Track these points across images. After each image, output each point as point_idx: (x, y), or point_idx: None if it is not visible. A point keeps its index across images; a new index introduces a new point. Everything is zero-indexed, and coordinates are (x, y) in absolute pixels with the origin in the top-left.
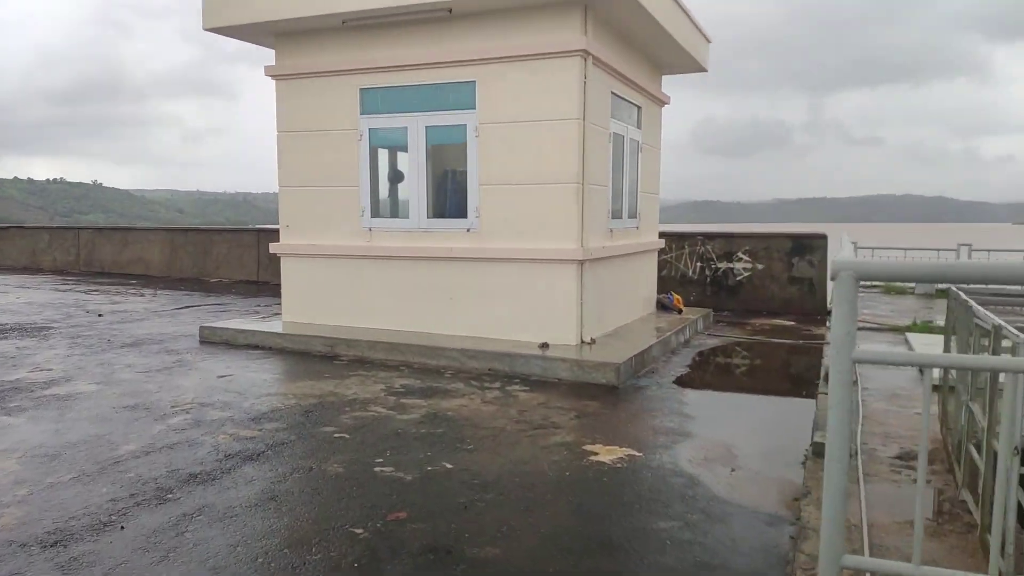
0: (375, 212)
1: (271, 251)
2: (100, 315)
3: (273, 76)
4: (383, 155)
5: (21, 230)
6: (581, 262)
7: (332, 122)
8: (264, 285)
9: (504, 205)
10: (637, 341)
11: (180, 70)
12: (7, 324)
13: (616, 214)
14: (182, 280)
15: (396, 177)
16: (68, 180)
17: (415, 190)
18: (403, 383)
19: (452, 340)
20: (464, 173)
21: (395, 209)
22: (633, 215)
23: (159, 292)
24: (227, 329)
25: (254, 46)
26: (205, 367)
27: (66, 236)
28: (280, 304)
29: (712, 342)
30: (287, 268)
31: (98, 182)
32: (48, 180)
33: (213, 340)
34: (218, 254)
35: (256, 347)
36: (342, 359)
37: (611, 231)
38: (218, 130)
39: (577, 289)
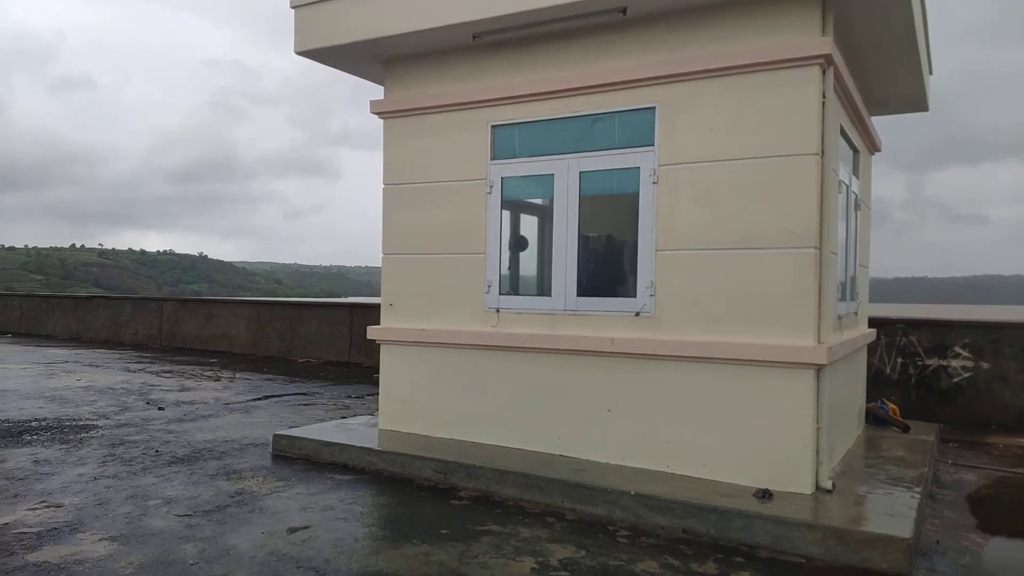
0: (504, 288)
1: (369, 336)
2: (161, 408)
3: (379, 113)
4: (508, 214)
5: (106, 300)
6: (819, 367)
7: (453, 170)
8: (356, 368)
9: (693, 279)
10: (893, 486)
11: (286, 151)
12: (45, 419)
13: (840, 294)
14: (267, 360)
15: (521, 243)
16: (176, 252)
17: (561, 258)
18: (563, 557)
19: (614, 475)
20: (632, 235)
21: (532, 284)
22: (854, 296)
23: (238, 375)
24: (308, 440)
25: (358, 121)
26: (273, 508)
27: (149, 308)
28: (374, 395)
29: (970, 478)
30: (388, 360)
31: (204, 254)
32: (158, 252)
33: (290, 454)
34: (307, 331)
35: (345, 467)
36: (460, 495)
37: (840, 318)
38: (318, 207)
39: (813, 407)
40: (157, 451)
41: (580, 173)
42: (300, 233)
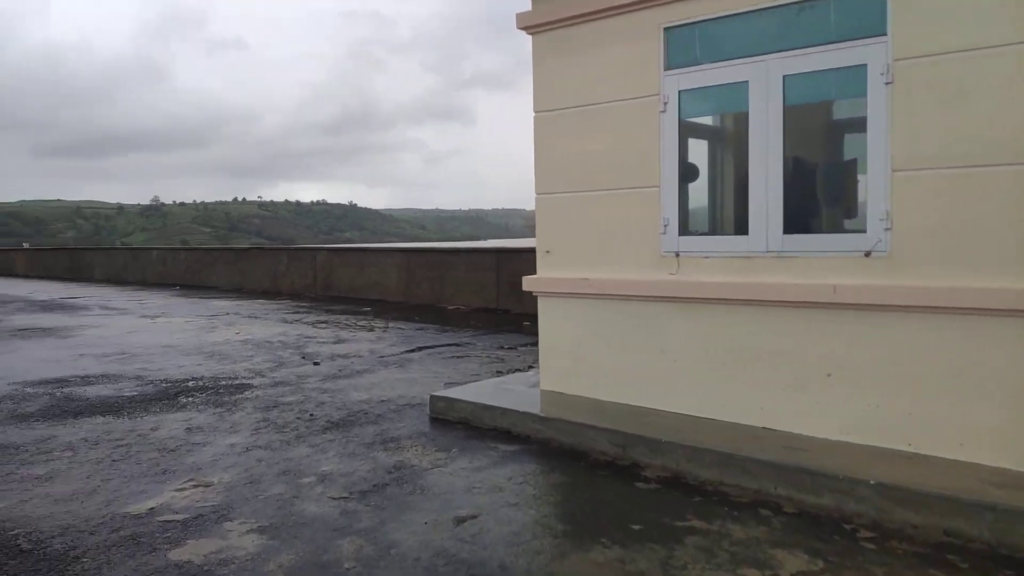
0: (685, 228)
1: (525, 287)
2: (316, 363)
3: (527, 28)
4: (689, 138)
5: (261, 251)
6: None
7: (617, 87)
8: (505, 315)
9: (944, 207)
10: None
11: (423, 98)
12: (202, 378)
13: None
14: (417, 308)
15: (692, 173)
16: (328, 201)
17: (761, 187)
18: (797, 570)
19: (841, 455)
20: (858, 152)
21: (721, 222)
22: None
23: (391, 325)
24: (467, 403)
25: (491, 61)
26: (436, 488)
27: (303, 258)
28: (528, 346)
29: None
30: (547, 313)
31: (353, 203)
32: (312, 202)
33: (448, 417)
34: (455, 278)
35: (508, 434)
36: (645, 475)
37: None
38: (455, 152)
39: None
40: (312, 415)
41: (784, 78)
42: (438, 179)
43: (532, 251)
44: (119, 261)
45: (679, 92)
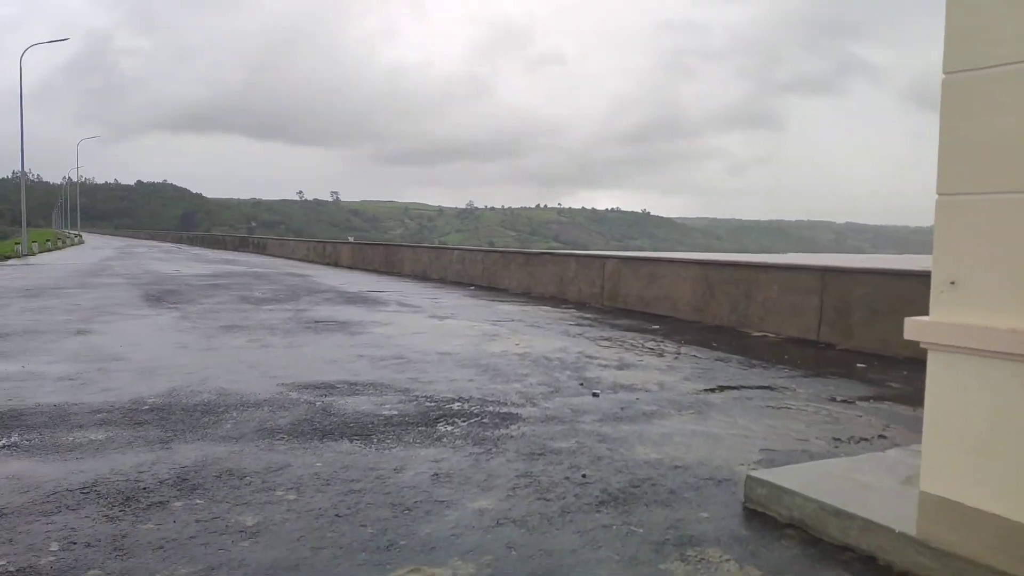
0: None
1: (907, 334)
2: (596, 394)
3: None
4: None
5: (552, 256)
6: None
7: None
8: (828, 350)
9: None
10: None
11: (733, 105)
12: (469, 399)
13: None
14: (715, 330)
15: None
16: (622, 209)
17: None
18: None
19: None
20: None
21: None
22: None
23: (683, 349)
24: (803, 499)
25: (809, 64)
26: None
27: (592, 265)
28: (869, 400)
29: None
30: (942, 376)
31: (646, 211)
32: (607, 209)
33: (771, 512)
34: (765, 298)
35: (871, 561)
36: None
37: None
38: (762, 159)
39: None
40: (584, 476)
41: None
42: (741, 187)
43: (871, 273)
44: (424, 258)
45: None
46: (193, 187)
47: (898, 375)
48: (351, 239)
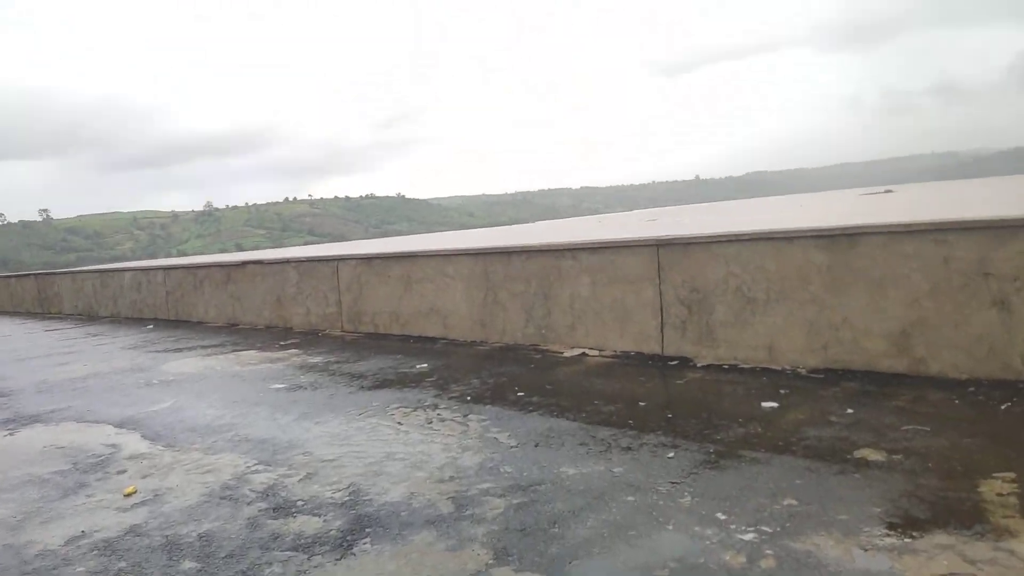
0: None
1: None
2: None
3: None
4: None
5: (261, 266)
6: None
7: None
8: (682, 368)
9: None
10: None
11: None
12: None
13: None
14: (507, 353)
15: None
16: (377, 195)
17: None
18: None
19: None
20: None
21: None
22: None
23: (472, 414)
24: None
25: None
26: None
27: (319, 273)
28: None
29: None
30: None
31: (401, 194)
32: (361, 196)
33: None
34: (572, 296)
35: None
36: None
37: None
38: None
39: None
40: None
41: None
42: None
43: (738, 242)
44: (88, 288)
45: None
46: None
47: (868, 416)
48: None
